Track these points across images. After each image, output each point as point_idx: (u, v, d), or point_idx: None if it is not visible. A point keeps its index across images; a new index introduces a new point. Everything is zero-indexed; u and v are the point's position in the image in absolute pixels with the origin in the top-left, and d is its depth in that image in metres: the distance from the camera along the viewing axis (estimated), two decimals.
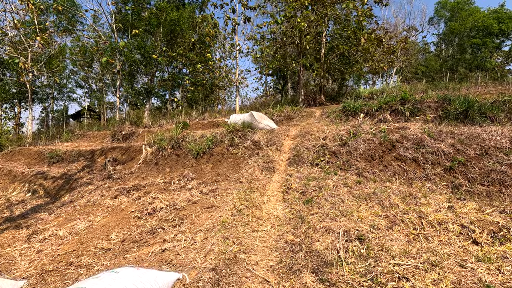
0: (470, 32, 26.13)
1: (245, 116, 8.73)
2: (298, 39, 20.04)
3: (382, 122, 9.12)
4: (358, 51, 19.08)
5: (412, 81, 27.73)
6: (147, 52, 19.43)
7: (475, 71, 26.09)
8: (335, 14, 19.35)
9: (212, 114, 20.87)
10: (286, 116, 11.18)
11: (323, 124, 9.06)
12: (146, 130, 16.34)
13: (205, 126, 13.19)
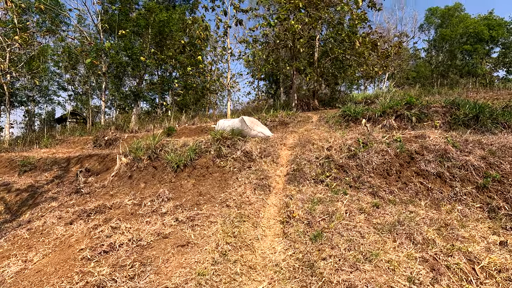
0: (461, 39, 25.29)
1: (235, 121, 7.23)
2: (291, 42, 18.78)
3: (387, 128, 7.85)
4: (352, 55, 17.86)
5: (404, 86, 26.74)
6: (135, 54, 17.89)
7: (465, 77, 25.22)
8: (329, 17, 18.15)
9: (202, 118, 19.40)
10: (280, 122, 9.80)
11: (323, 131, 7.70)
12: (131, 136, 14.76)
13: (192, 132, 11.73)
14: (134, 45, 18.23)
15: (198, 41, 19.93)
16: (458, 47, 25.44)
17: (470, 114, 7.87)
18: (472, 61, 24.54)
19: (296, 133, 7.50)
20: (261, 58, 22.27)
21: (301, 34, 18.34)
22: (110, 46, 17.63)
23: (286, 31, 17.82)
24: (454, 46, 25.57)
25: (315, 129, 7.87)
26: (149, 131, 17.78)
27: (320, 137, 6.42)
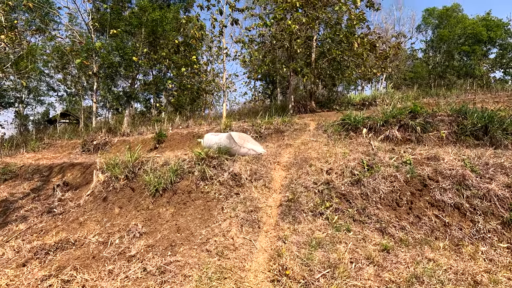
0: (459, 39, 24.41)
1: (222, 138, 6.14)
2: (288, 42, 17.81)
3: (390, 139, 7.01)
4: (350, 56, 16.94)
5: (401, 87, 25.88)
6: (127, 54, 16.87)
7: (463, 78, 24.39)
8: (327, 17, 17.19)
9: (197, 120, 18.46)
10: (276, 129, 8.92)
11: (321, 144, 6.81)
12: (121, 140, 13.83)
13: (183, 138, 10.83)
14: (126, 44, 17.21)
15: (193, 40, 18.95)
16: (456, 48, 24.57)
17: (479, 124, 7.05)
18: (470, 62, 23.69)
19: (292, 146, 6.62)
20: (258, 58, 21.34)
21: (298, 34, 17.39)
22: (101, 45, 16.64)
23: (282, 31, 16.86)
24: (452, 47, 24.69)
25: (312, 141, 6.97)
26: (141, 134, 16.84)
27: (318, 155, 5.54)
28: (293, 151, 6.18)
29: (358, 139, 7.15)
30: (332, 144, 6.68)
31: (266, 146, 7.42)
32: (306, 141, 7.04)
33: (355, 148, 5.98)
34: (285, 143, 6.92)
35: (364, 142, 6.58)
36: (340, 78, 20.28)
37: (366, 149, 5.46)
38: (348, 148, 6.17)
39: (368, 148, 5.62)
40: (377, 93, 21.22)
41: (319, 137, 7.60)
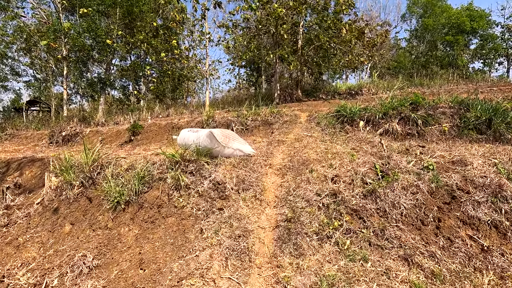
0: (442, 29, 23.76)
1: (201, 136, 4.77)
2: (274, 28, 16.46)
3: (389, 133, 6.07)
4: (338, 43, 15.82)
5: (385, 76, 25.14)
6: (100, 37, 15.03)
7: (446, 68, 23.89)
8: (315, 1, 15.91)
9: (178, 109, 17.01)
10: (263, 121, 7.79)
11: (317, 140, 5.77)
12: (95, 130, 12.27)
13: (161, 130, 9.53)
14: (99, 26, 15.31)
15: (173, 24, 17.24)
16: (439, 38, 23.95)
17: (483, 117, 6.22)
18: (453, 52, 23.18)
19: (285, 143, 5.56)
20: (242, 44, 19.90)
21: (285, 19, 16.06)
22: (70, 26, 14.71)
23: (268, 16, 15.47)
24: (436, 37, 24.04)
25: (307, 137, 5.92)
26: (118, 123, 15.30)
27: (318, 155, 4.51)
28: (286, 149, 5.12)
29: (356, 133, 6.18)
30: (329, 140, 5.66)
31: (254, 141, 6.28)
32: (300, 137, 5.97)
33: (358, 146, 4.98)
34: (276, 139, 5.83)
35: (364, 137, 5.58)
36: (327, 66, 19.21)
37: (376, 150, 4.43)
38: (348, 145, 5.17)
39: (376, 147, 4.60)
40: (363, 82, 20.40)
41: (313, 131, 6.54)
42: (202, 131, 4.87)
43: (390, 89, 19.69)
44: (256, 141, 6.38)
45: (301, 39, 18.60)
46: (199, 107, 18.30)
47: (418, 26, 25.81)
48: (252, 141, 6.34)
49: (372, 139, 5.03)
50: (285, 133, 6.39)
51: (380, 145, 4.65)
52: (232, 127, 7.67)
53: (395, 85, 20.33)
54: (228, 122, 7.75)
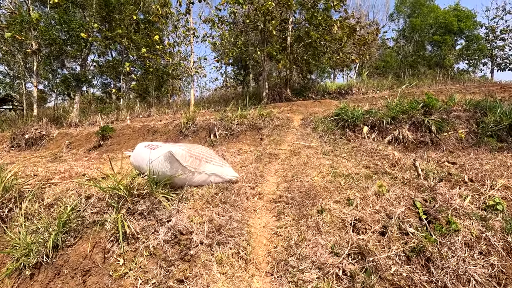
0: (430, 29, 23.10)
1: (159, 160, 3.08)
2: (263, 23, 15.24)
3: (400, 141, 4.96)
4: (329, 40, 14.73)
5: (373, 76, 24.33)
6: (73, 30, 13.43)
7: (433, 69, 23.28)
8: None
9: (161, 108, 15.59)
10: (251, 125, 6.59)
11: (318, 151, 4.64)
12: (63, 133, 10.76)
13: (135, 133, 8.20)
14: (73, 18, 13.69)
15: (155, 18, 15.73)
16: (427, 38, 23.28)
17: (504, 122, 5.23)
18: (441, 53, 22.55)
19: (278, 158, 4.34)
20: (229, 41, 18.58)
21: (274, 14, 14.85)
22: (38, 17, 13.05)
23: (256, 10, 14.21)
24: (423, 37, 23.37)
25: (305, 148, 4.76)
26: (94, 124, 13.79)
27: (325, 179, 3.27)
28: (281, 168, 3.90)
29: (360, 141, 5.12)
30: (332, 151, 4.53)
31: (239, 151, 5.07)
32: (296, 148, 4.81)
33: (372, 162, 3.85)
34: (268, 151, 4.63)
35: (375, 149, 4.52)
36: (317, 64, 18.15)
37: (409, 175, 3.22)
38: (357, 159, 4.06)
39: (399, 166, 3.47)
40: (353, 81, 19.49)
41: (310, 139, 5.39)
42: (162, 148, 3.14)
43: (380, 88, 18.88)
44: (242, 150, 5.18)
45: (291, 36, 17.45)
46: (183, 107, 16.91)
47: (405, 26, 25.10)
48: (237, 151, 5.14)
49: (386, 151, 3.93)
50: (278, 142, 5.20)
51: (412, 168, 3.43)
52: (215, 132, 6.43)
53: (385, 84, 19.53)
54: (211, 126, 6.51)
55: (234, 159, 4.51)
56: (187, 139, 6.91)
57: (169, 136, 7.40)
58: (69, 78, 14.55)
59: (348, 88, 18.18)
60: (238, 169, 3.76)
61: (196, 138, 6.84)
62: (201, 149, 3.25)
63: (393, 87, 19.39)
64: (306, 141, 5.03)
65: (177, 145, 3.06)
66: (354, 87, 18.25)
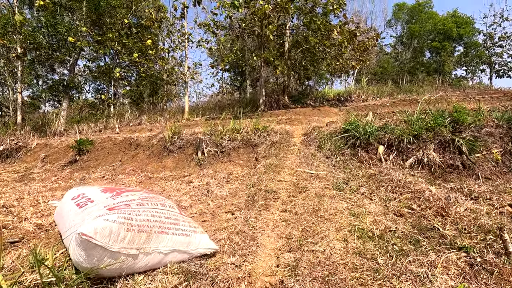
0: (429, 35, 22.34)
1: (72, 247, 1.66)
2: (259, 28, 14.34)
3: (424, 165, 4.00)
4: (328, 46, 13.84)
5: (371, 82, 23.49)
6: (60, 33, 12.45)
7: (432, 75, 22.49)
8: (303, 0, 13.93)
9: (153, 116, 14.56)
10: (245, 142, 5.60)
11: (329, 183, 3.60)
12: (43, 143, 9.72)
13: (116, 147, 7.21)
14: (60, 21, 12.72)
15: (148, 22, 14.80)
16: (426, 44, 22.52)
17: None
18: (440, 59, 21.77)
19: (276, 197, 3.03)
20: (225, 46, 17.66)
21: (271, 19, 13.97)
22: (23, 20, 12.04)
23: (253, 14, 13.31)
24: (422, 43, 22.60)
25: (312, 179, 3.68)
26: (81, 133, 12.72)
27: (348, 245, 2.04)
28: (282, 220, 2.50)
29: (377, 165, 4.07)
30: (347, 185, 3.48)
31: (229, 177, 4.08)
32: (301, 179, 3.75)
33: (407, 205, 2.76)
34: (264, 184, 3.47)
35: (403, 181, 3.44)
36: (316, 70, 17.24)
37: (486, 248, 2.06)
38: (381, 199, 3.01)
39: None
40: (352, 88, 18.62)
41: (316, 162, 4.40)
42: (91, 209, 1.93)
43: (380, 95, 18.02)
44: (233, 175, 4.17)
45: (288, 41, 16.57)
46: (177, 114, 15.91)
47: (403, 33, 24.33)
48: (227, 176, 4.13)
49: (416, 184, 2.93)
50: (276, 168, 4.16)
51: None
52: (203, 149, 5.43)
53: (385, 91, 18.66)
54: (198, 142, 5.50)
55: (220, 192, 3.52)
56: (171, 156, 5.89)
57: (152, 152, 6.38)
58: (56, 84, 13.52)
59: (347, 95, 17.30)
60: (221, 221, 2.60)
61: (181, 155, 5.83)
62: (154, 209, 2.02)
63: (393, 94, 18.54)
64: (311, 167, 4.00)
65: (113, 203, 1.95)
66: (354, 94, 17.37)
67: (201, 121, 13.64)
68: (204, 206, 3.20)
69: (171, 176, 4.65)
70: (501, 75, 24.01)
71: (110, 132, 12.80)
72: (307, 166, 4.03)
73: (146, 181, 4.57)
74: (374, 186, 3.12)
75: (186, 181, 4.22)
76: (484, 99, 14.30)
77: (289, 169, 3.96)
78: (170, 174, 4.75)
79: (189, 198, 3.55)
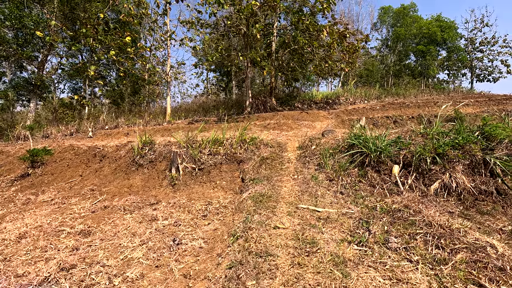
0: (414, 39, 21.98)
1: None
2: (246, 27, 13.29)
3: (452, 191, 3.05)
4: (316, 47, 12.96)
5: (357, 85, 22.92)
6: (26, 27, 10.97)
7: (417, 78, 22.16)
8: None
9: (132, 118, 13.21)
10: (228, 157, 4.57)
11: (345, 232, 2.56)
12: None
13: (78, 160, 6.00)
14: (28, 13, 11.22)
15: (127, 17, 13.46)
16: (411, 48, 22.14)
17: None
18: (425, 62, 21.43)
19: (273, 266, 2.00)
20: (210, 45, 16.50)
21: (257, 18, 12.96)
22: None
23: (239, 12, 12.25)
24: (407, 46, 22.22)
25: (316, 221, 2.66)
26: (48, 137, 11.39)
27: None
28: None
29: (394, 192, 3.13)
30: (369, 231, 2.49)
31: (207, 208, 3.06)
32: (304, 223, 2.67)
33: None
34: (252, 244, 2.25)
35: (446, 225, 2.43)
36: (303, 72, 16.36)
37: None
38: (426, 264, 1.96)
39: None
40: (340, 90, 17.87)
41: (319, 190, 3.43)
42: None
43: (368, 98, 17.37)
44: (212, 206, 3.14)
45: (276, 42, 15.61)
46: (158, 115, 14.61)
47: (389, 36, 23.90)
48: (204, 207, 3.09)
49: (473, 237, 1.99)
50: (269, 202, 3.03)
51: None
52: (177, 165, 4.35)
53: (372, 94, 18.03)
54: (173, 157, 4.41)
55: (192, 242, 2.39)
56: (140, 172, 4.78)
57: (119, 166, 5.23)
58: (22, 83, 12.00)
59: (335, 97, 16.54)
60: None
61: (152, 170, 4.73)
62: None
63: (380, 96, 17.94)
64: (315, 199, 2.95)
65: None
66: (342, 97, 16.64)
67: (183, 124, 12.46)
68: (163, 277, 2.16)
69: (133, 204, 3.57)
70: (482, 79, 24.06)
71: (82, 135, 11.41)
72: (309, 198, 3.03)
73: (99, 212, 3.46)
74: (406, 233, 2.19)
75: (150, 216, 3.12)
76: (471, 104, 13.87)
77: (286, 204, 2.93)
78: (133, 201, 3.66)
79: (145, 254, 2.41)
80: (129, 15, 13.42)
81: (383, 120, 8.96)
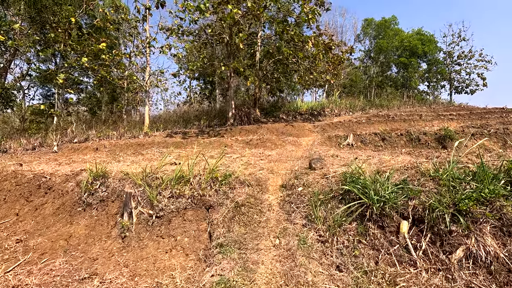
0: (396, 51, 21.84)
1: None
2: (228, 36, 12.45)
3: (477, 261, 2.15)
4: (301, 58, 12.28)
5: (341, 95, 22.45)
6: None
7: (399, 89, 21.99)
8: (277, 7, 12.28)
9: (104, 130, 11.95)
10: (195, 200, 3.60)
11: None
12: None
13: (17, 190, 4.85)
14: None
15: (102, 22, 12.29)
16: (393, 59, 21.98)
17: None
18: (407, 74, 21.30)
19: None
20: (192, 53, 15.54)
21: (240, 27, 12.14)
22: None
23: (221, 20, 11.38)
24: (389, 58, 22.04)
25: None
26: (6, 152, 10.09)
27: None
28: None
29: (404, 256, 2.28)
30: None
31: None
32: None
33: None
34: None
35: None
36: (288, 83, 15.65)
37: None
38: None
39: None
40: (325, 101, 17.28)
41: (310, 265, 2.45)
42: None
43: (352, 109, 16.87)
44: (163, 284, 2.21)
45: (260, 51, 14.83)
46: (136, 126, 13.41)
47: (371, 47, 23.71)
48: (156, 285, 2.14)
49: None
50: (244, 283, 2.15)
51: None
52: (131, 210, 3.36)
53: (357, 105, 17.55)
54: (125, 199, 3.41)
55: None
56: (87, 214, 3.75)
57: (64, 204, 4.17)
58: None
59: (320, 108, 15.92)
60: None
61: (102, 213, 3.71)
62: None
63: (365, 108, 17.50)
64: (305, 275, 2.09)
65: None
66: (327, 108, 16.04)
67: (161, 137, 11.37)
68: None
69: (66, 271, 2.55)
70: (460, 91, 24.25)
71: (46, 150, 10.11)
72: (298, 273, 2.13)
73: None
74: None
75: None
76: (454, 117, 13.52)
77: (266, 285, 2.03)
78: (59, 273, 2.64)
79: None
80: (105, 20, 12.27)
81: (371, 137, 8.26)
